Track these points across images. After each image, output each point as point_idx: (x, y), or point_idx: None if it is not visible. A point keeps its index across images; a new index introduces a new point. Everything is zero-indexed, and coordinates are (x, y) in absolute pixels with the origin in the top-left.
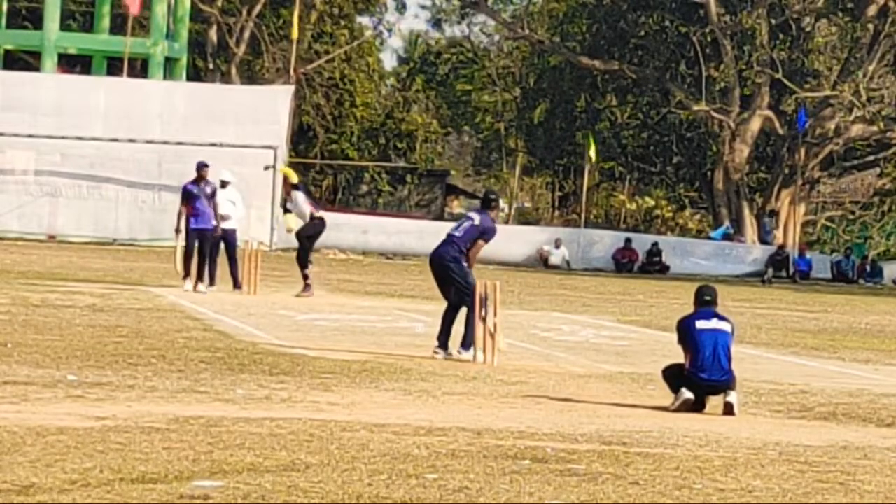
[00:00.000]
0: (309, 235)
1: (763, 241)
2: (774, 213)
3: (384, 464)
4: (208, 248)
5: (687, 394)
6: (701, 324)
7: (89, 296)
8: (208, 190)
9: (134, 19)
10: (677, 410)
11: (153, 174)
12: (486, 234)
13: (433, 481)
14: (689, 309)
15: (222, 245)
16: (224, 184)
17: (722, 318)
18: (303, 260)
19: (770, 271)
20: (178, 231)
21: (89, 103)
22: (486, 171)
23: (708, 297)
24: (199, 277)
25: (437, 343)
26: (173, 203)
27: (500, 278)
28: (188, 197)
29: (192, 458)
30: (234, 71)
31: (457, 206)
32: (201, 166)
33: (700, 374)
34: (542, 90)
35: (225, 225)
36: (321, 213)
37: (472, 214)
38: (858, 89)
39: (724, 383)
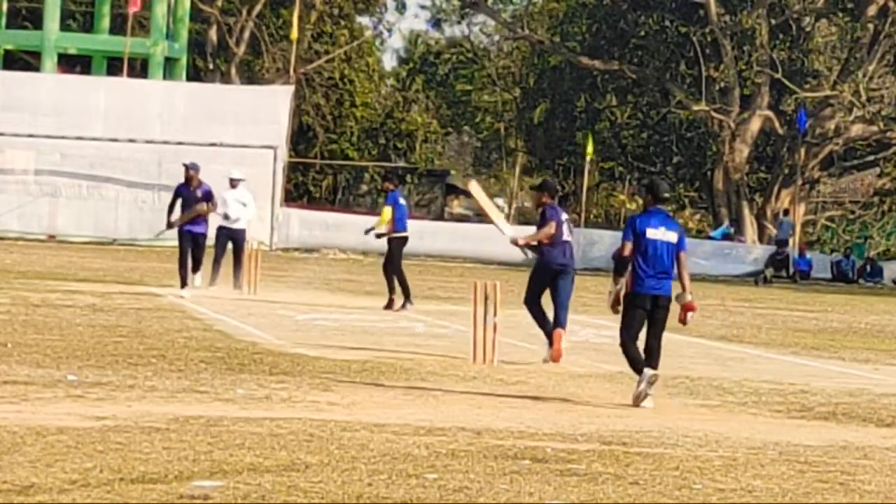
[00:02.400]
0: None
1: (780, 242)
2: (786, 213)
3: (384, 464)
4: (200, 252)
5: (647, 374)
6: (652, 232)
7: (89, 296)
8: (199, 193)
9: (134, 19)
10: (642, 393)
11: (153, 174)
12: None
13: (433, 481)
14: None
15: (229, 245)
16: (234, 183)
17: (671, 226)
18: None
19: (770, 270)
20: (169, 225)
21: (89, 103)
22: (486, 171)
23: (667, 195)
24: (183, 282)
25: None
26: None
27: (500, 278)
28: (177, 197)
29: (192, 458)
30: (234, 71)
31: (457, 206)
32: (186, 168)
33: (644, 287)
34: (542, 90)
35: (234, 225)
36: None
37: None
38: (858, 89)
39: (665, 296)
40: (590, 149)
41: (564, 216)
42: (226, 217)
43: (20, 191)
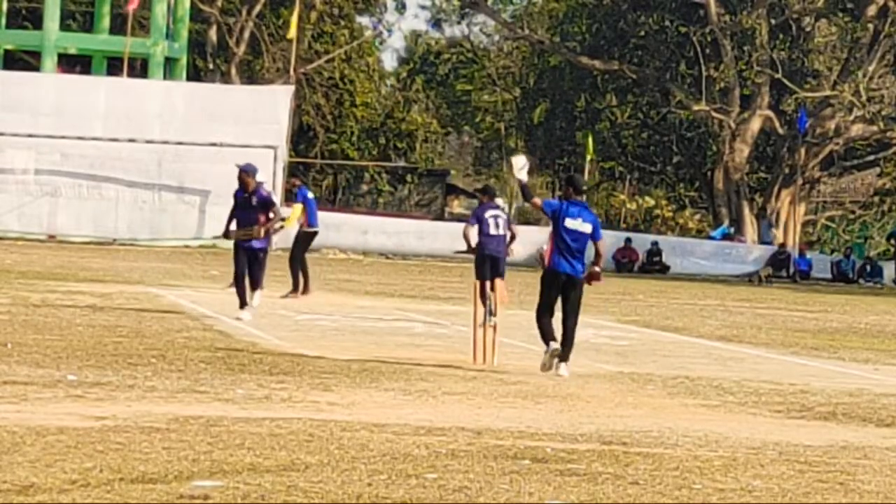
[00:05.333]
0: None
1: (763, 243)
2: (766, 215)
3: (384, 464)
4: (259, 270)
5: (553, 345)
6: (569, 222)
7: (89, 296)
8: (254, 201)
9: (134, 19)
10: (546, 363)
11: (153, 174)
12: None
13: (433, 481)
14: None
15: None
16: None
17: (587, 217)
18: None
19: (768, 269)
20: (225, 235)
21: (89, 103)
22: (486, 171)
23: (584, 187)
24: (242, 301)
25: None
26: (173, 203)
27: None
28: (234, 203)
29: (192, 458)
30: (234, 71)
31: (457, 205)
32: (240, 171)
33: (560, 266)
34: (542, 90)
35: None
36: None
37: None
38: (858, 89)
39: (577, 278)
40: (590, 148)
41: (491, 213)
42: None
43: (20, 191)
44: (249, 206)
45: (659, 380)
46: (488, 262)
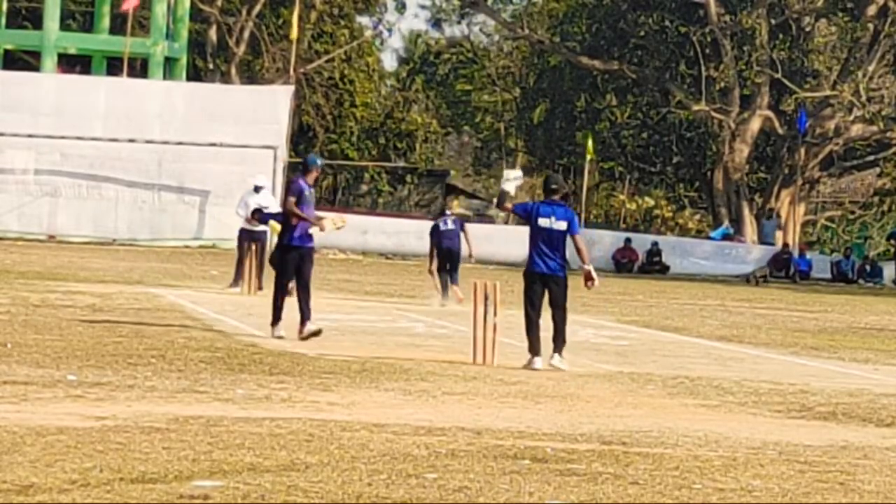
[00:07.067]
0: None
1: (764, 243)
2: (772, 215)
3: (384, 464)
4: (307, 273)
5: (537, 363)
6: (542, 221)
7: (89, 296)
8: (315, 194)
9: (134, 19)
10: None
11: (153, 174)
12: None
13: (433, 481)
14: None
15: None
16: (258, 189)
17: (560, 215)
18: None
19: (764, 270)
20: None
21: (89, 103)
22: (486, 171)
23: (554, 186)
24: (305, 316)
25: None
26: (173, 203)
27: (500, 278)
28: (299, 198)
29: (192, 458)
30: (234, 71)
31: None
32: (313, 163)
33: (536, 266)
34: (542, 90)
35: (257, 228)
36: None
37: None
38: (858, 89)
39: (555, 275)
40: (590, 148)
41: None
42: (249, 220)
43: (20, 191)
44: (312, 202)
45: (659, 380)
46: (442, 256)
